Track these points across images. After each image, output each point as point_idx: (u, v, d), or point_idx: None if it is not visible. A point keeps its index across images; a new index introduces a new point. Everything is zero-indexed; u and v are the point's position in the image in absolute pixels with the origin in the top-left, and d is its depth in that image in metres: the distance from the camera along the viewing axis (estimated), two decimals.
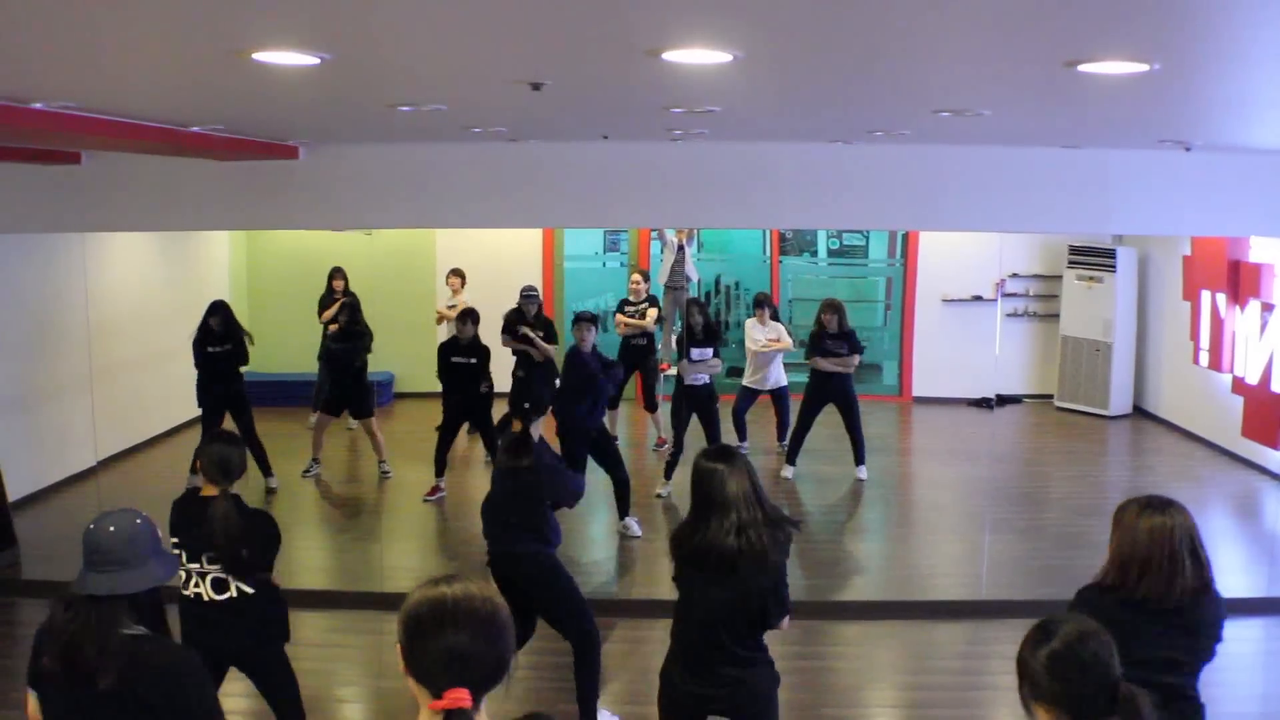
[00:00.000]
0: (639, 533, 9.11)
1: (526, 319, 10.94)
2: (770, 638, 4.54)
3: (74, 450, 10.21)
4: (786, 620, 4.40)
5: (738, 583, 4.25)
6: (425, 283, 13.82)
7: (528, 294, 11.14)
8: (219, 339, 9.76)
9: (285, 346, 11.47)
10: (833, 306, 10.48)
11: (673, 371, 12.59)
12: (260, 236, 13.89)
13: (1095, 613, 3.13)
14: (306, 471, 10.56)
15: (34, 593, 8.02)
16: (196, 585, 4.83)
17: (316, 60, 3.40)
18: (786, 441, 10.87)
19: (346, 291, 11.88)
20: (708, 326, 10.20)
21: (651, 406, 11.77)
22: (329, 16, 2.85)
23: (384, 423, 12.42)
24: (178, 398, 10.51)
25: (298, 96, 4.61)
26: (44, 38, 3.10)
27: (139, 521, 3.37)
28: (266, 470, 10.07)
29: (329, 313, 11.07)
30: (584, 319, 9.19)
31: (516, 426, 6.22)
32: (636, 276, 11.86)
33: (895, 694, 6.86)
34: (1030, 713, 2.67)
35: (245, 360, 9.96)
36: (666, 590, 7.75)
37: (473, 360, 9.99)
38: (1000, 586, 8.05)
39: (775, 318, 11.24)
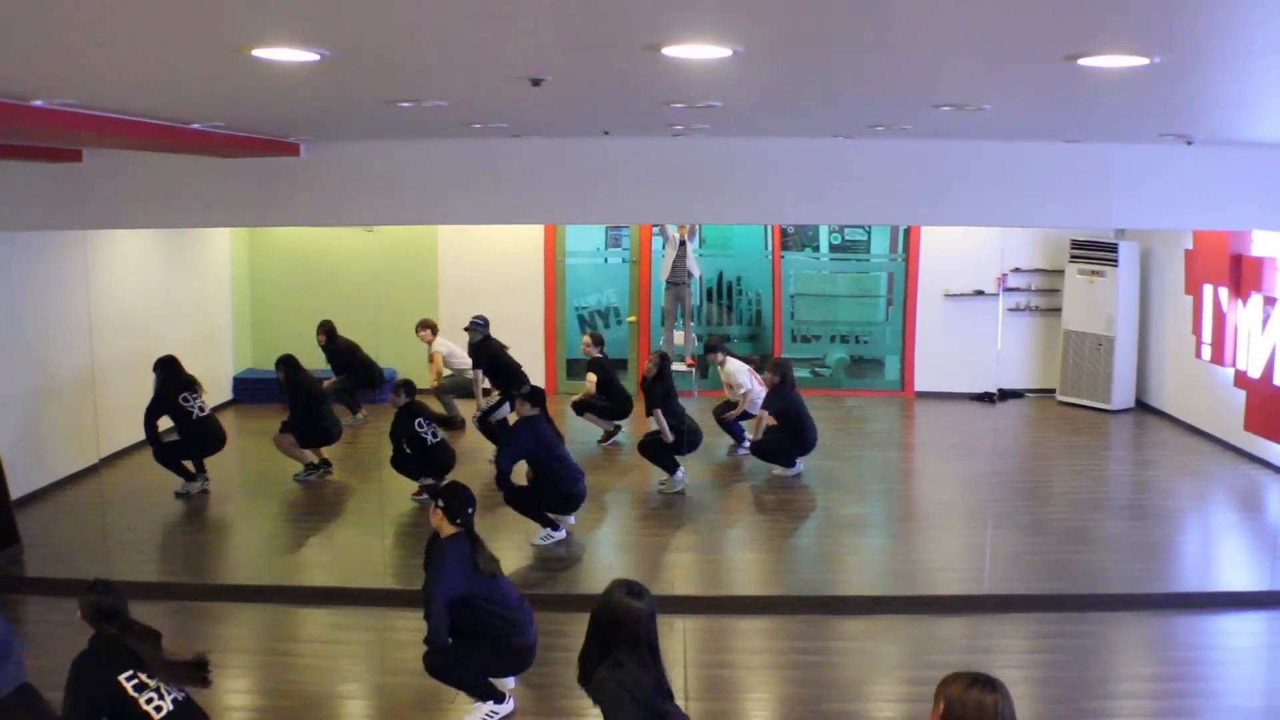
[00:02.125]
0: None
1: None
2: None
3: (77, 448, 10.22)
4: None
5: None
6: (427, 280, 13.82)
7: (473, 322, 11.34)
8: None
9: (286, 344, 11.46)
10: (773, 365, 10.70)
11: (678, 367, 12.64)
12: (262, 233, 13.89)
13: None
14: (301, 475, 10.60)
15: (38, 590, 8.04)
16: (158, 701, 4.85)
17: (316, 56, 3.40)
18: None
19: (326, 346, 12.02)
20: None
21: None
22: (328, 12, 2.84)
23: (383, 421, 12.43)
24: None
25: (298, 93, 4.61)
26: (44, 35, 3.10)
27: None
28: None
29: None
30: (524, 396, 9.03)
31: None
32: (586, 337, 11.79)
33: (897, 688, 6.86)
34: None
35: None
36: (670, 586, 7.74)
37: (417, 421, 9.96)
38: (1003, 581, 8.05)
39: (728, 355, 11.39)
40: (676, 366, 12.52)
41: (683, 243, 13.18)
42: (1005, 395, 13.93)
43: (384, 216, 8.79)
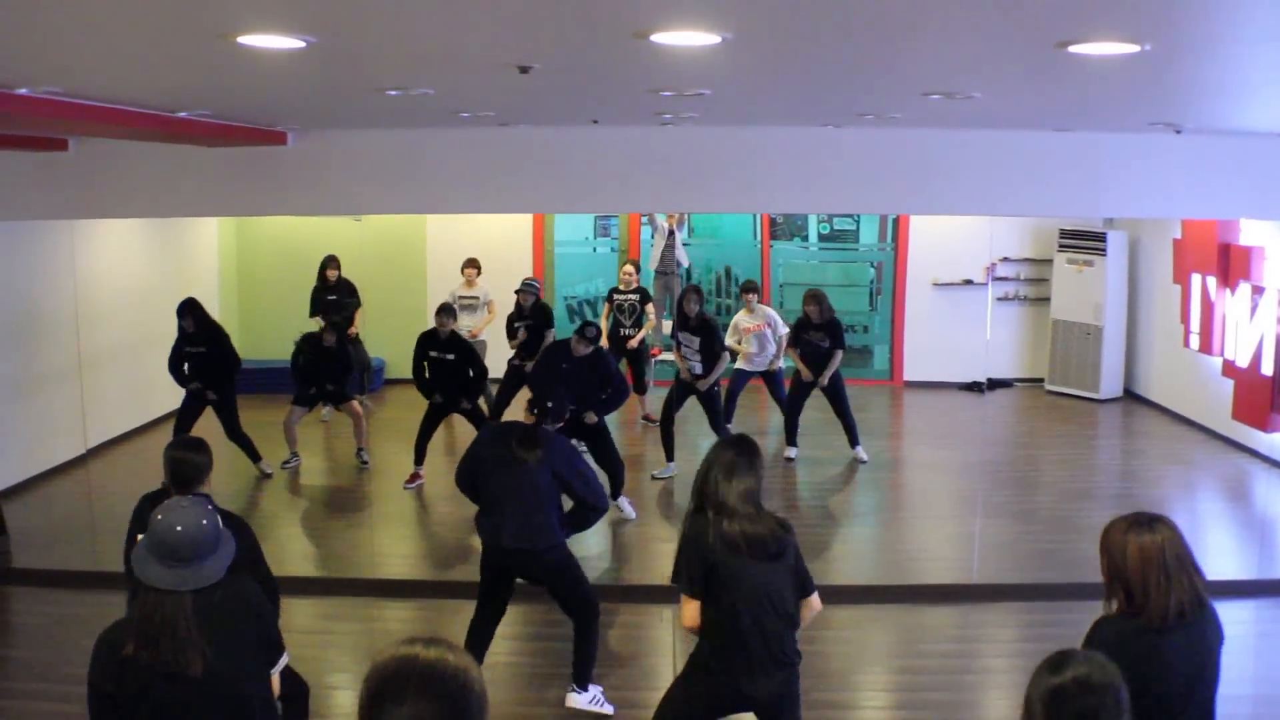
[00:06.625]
0: (632, 515, 9.11)
1: (522, 311, 10.93)
2: None
3: (63, 439, 10.17)
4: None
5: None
6: (416, 269, 13.79)
7: (524, 285, 11.11)
8: (194, 339, 9.70)
9: (274, 333, 11.43)
10: (813, 297, 10.47)
11: (664, 356, 12.64)
12: (250, 223, 13.84)
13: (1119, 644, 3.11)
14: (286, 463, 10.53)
15: (25, 581, 8.01)
16: None
17: (303, 43, 3.38)
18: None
19: (340, 280, 11.83)
20: (701, 316, 10.12)
21: (640, 389, 11.77)
22: None
23: (373, 409, 12.40)
24: (167, 385, 10.45)
25: (285, 80, 4.58)
26: (29, 23, 3.07)
27: (209, 508, 3.48)
28: (255, 456, 10.06)
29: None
30: (583, 333, 9.00)
31: (529, 418, 6.17)
32: (629, 266, 11.97)
33: (887, 678, 6.87)
34: None
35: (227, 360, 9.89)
36: (661, 576, 7.72)
37: (450, 356, 9.88)
38: (992, 570, 8.07)
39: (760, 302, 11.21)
40: (664, 356, 12.54)
41: (671, 232, 13.16)
42: (994, 385, 13.95)
43: (372, 206, 8.76)
